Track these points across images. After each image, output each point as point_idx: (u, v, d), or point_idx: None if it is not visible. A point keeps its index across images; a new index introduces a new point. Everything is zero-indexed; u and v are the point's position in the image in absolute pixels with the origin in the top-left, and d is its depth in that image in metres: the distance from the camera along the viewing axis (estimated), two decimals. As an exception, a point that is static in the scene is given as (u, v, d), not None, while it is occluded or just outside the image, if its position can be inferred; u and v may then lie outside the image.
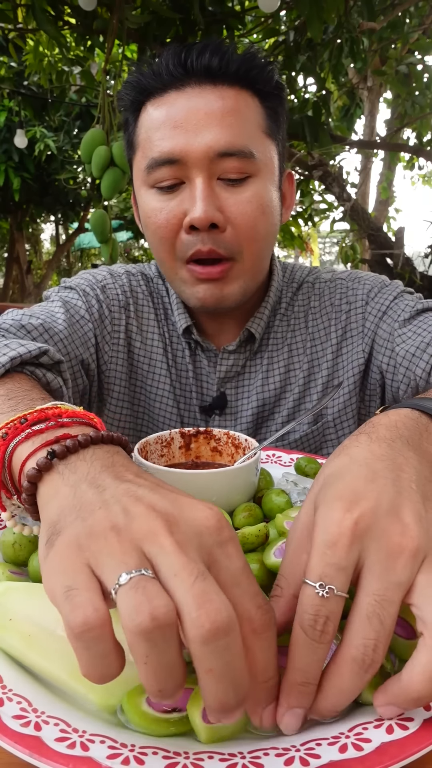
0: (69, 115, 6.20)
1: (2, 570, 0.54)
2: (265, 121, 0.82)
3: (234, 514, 0.63)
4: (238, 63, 0.78)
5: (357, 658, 0.35)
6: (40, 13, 2.18)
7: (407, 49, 3.89)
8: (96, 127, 2.09)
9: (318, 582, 0.36)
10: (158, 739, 0.37)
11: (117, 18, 2.04)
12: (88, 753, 0.35)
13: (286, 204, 0.93)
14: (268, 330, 0.95)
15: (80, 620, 0.30)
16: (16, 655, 0.43)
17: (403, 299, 0.90)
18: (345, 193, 4.19)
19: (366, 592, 0.36)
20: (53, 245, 13.65)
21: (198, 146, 0.76)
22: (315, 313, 0.96)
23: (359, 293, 0.93)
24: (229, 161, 0.77)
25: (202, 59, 0.77)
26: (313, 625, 0.35)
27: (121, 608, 0.30)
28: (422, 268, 4.85)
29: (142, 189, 0.84)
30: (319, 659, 0.35)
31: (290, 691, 0.36)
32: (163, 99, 0.79)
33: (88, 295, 0.91)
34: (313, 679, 0.36)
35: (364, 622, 0.35)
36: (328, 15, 2.17)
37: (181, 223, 0.80)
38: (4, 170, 7.18)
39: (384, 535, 0.36)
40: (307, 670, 0.35)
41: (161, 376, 0.95)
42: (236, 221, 0.79)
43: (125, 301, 0.94)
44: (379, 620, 0.35)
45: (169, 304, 0.96)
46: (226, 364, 0.93)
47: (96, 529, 0.33)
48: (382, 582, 0.36)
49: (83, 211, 9.19)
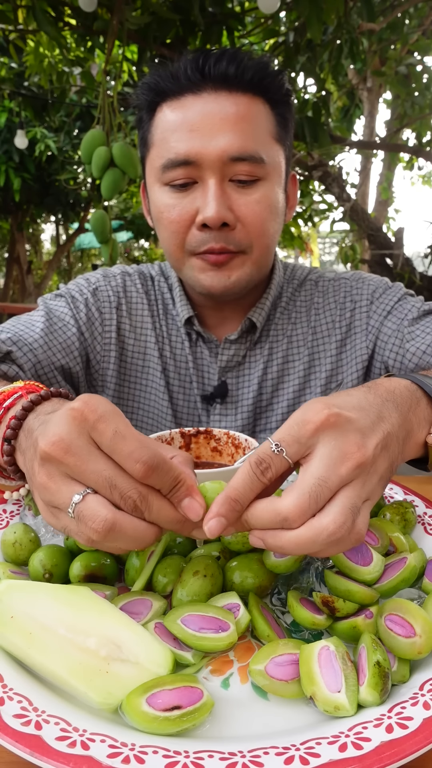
0: (69, 115, 6.20)
1: (3, 569, 0.54)
2: (275, 127, 0.86)
3: (234, 514, 0.63)
4: (252, 71, 0.82)
5: (282, 511, 0.43)
6: (41, 14, 2.18)
7: (407, 50, 3.89)
8: (96, 128, 2.09)
9: (276, 442, 0.45)
10: (158, 738, 0.37)
11: (117, 19, 2.04)
12: (89, 752, 0.35)
13: (290, 204, 0.97)
14: (269, 322, 0.99)
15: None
16: (17, 653, 0.43)
17: (408, 301, 0.95)
18: (345, 194, 4.20)
19: (311, 474, 0.43)
20: (53, 245, 13.66)
21: (213, 150, 0.80)
22: (318, 310, 0.99)
23: (364, 293, 0.98)
24: (240, 165, 0.82)
25: (220, 66, 0.81)
26: (258, 463, 0.44)
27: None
28: (422, 269, 4.85)
29: (156, 186, 0.87)
30: (252, 489, 0.44)
31: (222, 502, 0.44)
32: (180, 102, 0.83)
33: (75, 301, 0.97)
34: (243, 501, 0.44)
35: (304, 495, 0.43)
36: (327, 16, 2.18)
37: (192, 219, 0.84)
38: (4, 171, 7.18)
39: (345, 440, 0.45)
40: (241, 492, 0.44)
41: (155, 371, 0.99)
42: (246, 220, 0.84)
43: (117, 301, 0.99)
44: (315, 499, 0.42)
45: (171, 300, 1.01)
46: (228, 353, 0.96)
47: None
48: (328, 471, 0.43)
49: (83, 212, 9.19)
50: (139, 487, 0.43)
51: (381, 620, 0.45)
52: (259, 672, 0.42)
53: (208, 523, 0.44)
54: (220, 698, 0.43)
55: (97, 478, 0.44)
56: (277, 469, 0.44)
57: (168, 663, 0.43)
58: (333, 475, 0.43)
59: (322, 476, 0.43)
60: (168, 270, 1.03)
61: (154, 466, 0.43)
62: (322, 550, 0.43)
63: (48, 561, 0.54)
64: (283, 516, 0.42)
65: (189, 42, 2.52)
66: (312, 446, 0.45)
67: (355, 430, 0.45)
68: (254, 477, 0.44)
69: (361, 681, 0.41)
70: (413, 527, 0.64)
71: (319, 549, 0.43)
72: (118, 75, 2.77)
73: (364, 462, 0.44)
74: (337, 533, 0.42)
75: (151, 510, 0.44)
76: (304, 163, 3.86)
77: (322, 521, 0.42)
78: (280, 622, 0.50)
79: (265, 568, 0.52)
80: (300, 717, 0.41)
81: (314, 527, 0.42)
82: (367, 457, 0.44)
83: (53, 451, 0.44)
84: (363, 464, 0.44)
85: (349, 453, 0.44)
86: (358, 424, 0.46)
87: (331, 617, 0.47)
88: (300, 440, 0.44)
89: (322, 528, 0.42)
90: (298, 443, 0.44)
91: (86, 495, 0.44)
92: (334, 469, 0.43)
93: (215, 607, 0.47)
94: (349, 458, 0.44)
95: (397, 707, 0.39)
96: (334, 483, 0.43)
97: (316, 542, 0.42)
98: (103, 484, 0.43)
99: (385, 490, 0.74)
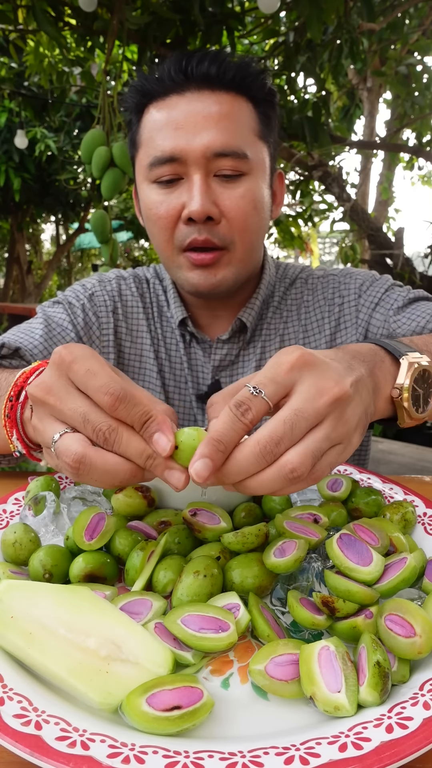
0: (69, 115, 6.19)
1: (3, 569, 0.54)
2: (258, 125, 0.88)
3: (234, 513, 0.63)
4: (234, 71, 0.85)
5: (261, 442, 0.44)
6: (41, 13, 2.18)
7: (407, 50, 3.89)
8: (96, 128, 2.09)
9: (253, 385, 0.46)
10: (158, 738, 0.37)
11: (117, 19, 2.04)
12: (89, 752, 0.35)
13: (277, 201, 0.98)
14: (260, 321, 1.01)
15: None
16: (17, 653, 0.43)
17: (394, 291, 0.97)
18: (345, 194, 4.19)
19: (289, 406, 0.45)
20: (53, 245, 13.65)
21: (196, 146, 0.82)
22: (308, 307, 1.01)
23: (351, 287, 1.00)
24: (224, 160, 0.84)
25: (201, 67, 0.84)
26: (238, 406, 0.45)
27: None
28: (422, 269, 4.85)
29: (144, 184, 0.90)
30: (236, 431, 0.45)
31: (207, 444, 0.44)
32: (165, 102, 0.86)
33: (73, 307, 0.99)
34: (227, 443, 0.44)
35: (279, 423, 0.44)
36: (327, 16, 2.18)
37: (179, 214, 0.86)
38: (4, 171, 7.17)
39: (322, 377, 0.46)
40: (224, 433, 0.44)
41: (151, 372, 1.01)
42: (230, 214, 0.85)
43: (113, 305, 1.01)
44: (291, 426, 0.44)
45: (165, 302, 1.03)
46: (220, 353, 0.98)
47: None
48: (305, 404, 0.45)
49: (83, 212, 9.19)
50: (109, 420, 0.46)
51: (381, 620, 0.45)
52: (259, 672, 0.42)
53: (193, 465, 0.44)
54: (220, 698, 0.43)
55: (73, 414, 0.47)
56: (257, 410, 0.45)
57: (168, 663, 0.43)
58: (310, 407, 0.45)
59: (299, 408, 0.45)
60: (163, 272, 1.05)
61: (121, 397, 0.45)
62: (282, 487, 0.45)
63: (48, 561, 0.54)
64: (261, 444, 0.44)
65: (189, 42, 2.52)
66: (290, 386, 0.46)
67: (331, 369, 0.48)
68: (234, 419, 0.45)
69: (361, 681, 0.41)
70: (413, 527, 0.64)
71: (280, 486, 0.45)
72: (118, 75, 2.77)
73: (341, 396, 0.46)
74: (297, 471, 0.44)
75: (121, 442, 0.46)
76: (304, 163, 3.86)
77: (287, 457, 0.44)
78: (280, 622, 0.50)
79: (265, 568, 0.52)
80: (300, 717, 0.41)
81: (278, 462, 0.44)
82: (345, 392, 0.46)
83: (37, 393, 0.49)
84: (339, 399, 0.46)
85: (327, 388, 0.46)
86: (332, 365, 0.49)
87: (331, 617, 0.47)
88: (276, 379, 0.46)
89: (285, 462, 0.44)
90: (275, 383, 0.46)
91: (64, 433, 0.47)
92: (311, 402, 0.45)
93: (215, 607, 0.47)
94: (327, 393, 0.46)
95: (397, 707, 0.39)
96: (310, 414, 0.45)
97: (277, 479, 0.44)
98: (79, 420, 0.46)
99: (386, 488, 0.74)
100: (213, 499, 0.63)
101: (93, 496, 0.68)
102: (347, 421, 0.47)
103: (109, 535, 0.57)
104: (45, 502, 0.63)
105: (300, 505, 0.65)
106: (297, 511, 0.61)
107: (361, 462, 1.06)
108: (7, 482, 0.81)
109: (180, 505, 0.64)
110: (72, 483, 0.76)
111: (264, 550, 0.54)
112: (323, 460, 0.46)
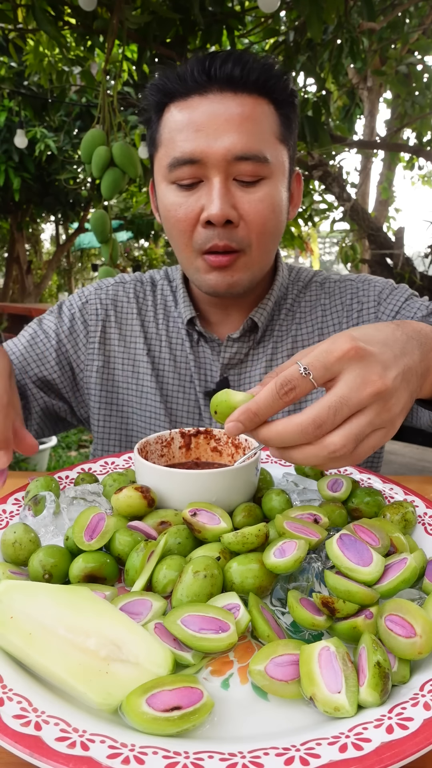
0: (69, 115, 6.19)
1: (2, 569, 0.54)
2: (279, 127, 0.88)
3: (234, 514, 0.63)
4: (257, 72, 0.84)
5: (302, 424, 0.48)
6: (40, 13, 2.18)
7: (407, 49, 3.88)
8: (96, 128, 2.09)
9: (305, 366, 0.49)
10: (158, 739, 0.37)
11: (117, 18, 2.04)
12: (89, 753, 0.35)
13: (294, 202, 0.99)
14: (272, 322, 1.01)
15: None
16: (17, 653, 0.43)
17: (414, 301, 0.98)
18: (345, 193, 4.19)
19: (334, 393, 0.49)
20: (53, 245, 13.64)
21: (217, 149, 0.82)
22: (325, 311, 1.01)
23: (371, 294, 1.00)
24: (244, 164, 0.83)
25: (225, 68, 0.83)
26: (283, 384, 0.49)
27: None
28: (422, 268, 4.85)
29: (163, 184, 0.90)
30: (272, 406, 0.50)
31: (243, 411, 0.50)
32: (187, 103, 0.85)
33: (62, 314, 1.04)
34: (263, 416, 0.50)
35: (324, 408, 0.48)
36: (327, 15, 2.17)
37: (198, 217, 0.86)
38: (4, 170, 7.16)
39: (367, 369, 0.50)
40: (261, 406, 0.50)
41: (145, 375, 1.01)
42: (248, 218, 0.86)
43: (105, 313, 1.04)
44: (335, 412, 0.48)
45: (173, 301, 1.04)
46: (230, 351, 0.99)
47: None
48: (351, 393, 0.49)
49: (83, 211, 9.18)
50: None
51: (381, 621, 0.45)
52: (259, 672, 0.42)
53: (228, 424, 0.51)
54: (220, 699, 0.43)
55: None
56: (301, 390, 0.49)
57: (168, 663, 0.43)
58: (354, 396, 0.48)
59: (344, 395, 0.48)
60: (173, 273, 1.06)
61: None
62: (324, 464, 0.50)
63: (48, 561, 0.54)
64: (303, 426, 0.48)
65: (189, 41, 2.51)
66: (337, 373, 0.50)
67: (377, 362, 0.51)
68: (276, 396, 0.50)
69: (362, 681, 0.41)
70: (413, 527, 0.64)
71: (322, 462, 0.50)
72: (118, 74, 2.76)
73: (383, 390, 0.49)
74: (338, 452, 0.48)
75: None
76: (304, 162, 3.85)
77: (330, 438, 0.48)
78: (280, 623, 0.50)
79: (265, 568, 0.52)
80: (300, 717, 0.41)
81: (322, 442, 0.49)
82: (387, 386, 0.50)
83: None
84: (381, 392, 0.49)
85: (371, 381, 0.49)
86: (380, 357, 0.51)
87: (331, 618, 0.47)
88: (326, 365, 0.49)
89: (328, 443, 0.48)
90: (325, 368, 0.49)
91: None
92: (356, 391, 0.49)
93: (215, 608, 0.47)
94: (371, 385, 0.49)
95: (398, 708, 0.39)
96: (353, 402, 0.48)
97: (319, 455, 0.49)
98: None
99: (387, 488, 0.74)
100: (213, 500, 0.63)
101: (93, 496, 0.68)
102: (390, 408, 0.51)
103: (109, 535, 0.57)
104: (45, 503, 0.63)
105: (300, 505, 0.65)
106: (297, 511, 0.61)
107: (374, 466, 1.06)
108: (7, 482, 0.80)
109: (180, 505, 0.64)
110: (72, 483, 0.76)
111: (264, 550, 0.54)
112: (365, 442, 0.50)
